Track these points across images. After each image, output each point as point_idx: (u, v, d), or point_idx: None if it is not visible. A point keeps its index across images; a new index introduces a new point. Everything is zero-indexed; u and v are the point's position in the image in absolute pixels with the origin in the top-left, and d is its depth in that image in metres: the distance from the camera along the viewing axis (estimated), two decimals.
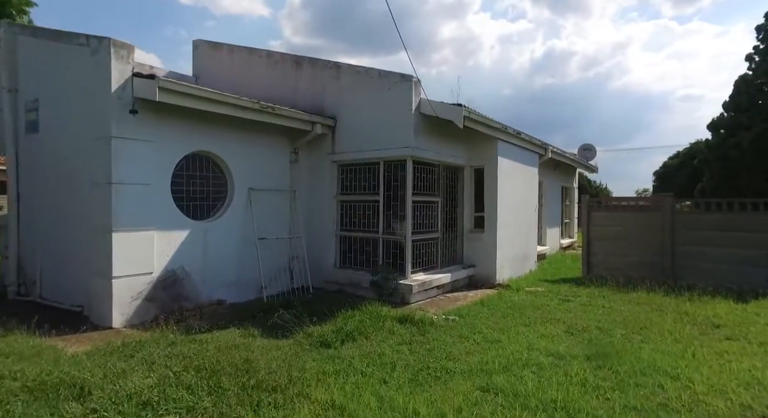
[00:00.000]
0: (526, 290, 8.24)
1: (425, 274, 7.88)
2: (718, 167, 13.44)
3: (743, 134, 13.04)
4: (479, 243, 8.84)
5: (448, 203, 8.78)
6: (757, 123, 12.81)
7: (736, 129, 13.51)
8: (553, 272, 10.48)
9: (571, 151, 13.75)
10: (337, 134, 8.19)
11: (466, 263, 8.98)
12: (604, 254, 9.73)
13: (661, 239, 9.07)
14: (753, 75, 13.53)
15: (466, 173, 9.07)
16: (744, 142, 12.89)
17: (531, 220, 10.53)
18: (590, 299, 7.56)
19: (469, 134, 8.71)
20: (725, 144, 13.50)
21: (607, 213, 9.76)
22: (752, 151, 12.66)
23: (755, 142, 12.64)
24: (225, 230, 7.03)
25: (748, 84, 13.44)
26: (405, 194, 7.45)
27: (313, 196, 8.47)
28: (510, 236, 9.26)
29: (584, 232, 9.96)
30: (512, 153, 9.37)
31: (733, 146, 13.25)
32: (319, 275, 8.24)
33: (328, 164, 8.28)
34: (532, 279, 9.41)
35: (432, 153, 7.79)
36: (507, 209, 9.10)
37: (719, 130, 14.33)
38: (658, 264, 9.09)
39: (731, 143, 13.30)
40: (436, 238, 8.27)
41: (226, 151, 7.06)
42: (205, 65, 10.18)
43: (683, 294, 7.69)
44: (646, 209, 9.35)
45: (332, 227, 8.33)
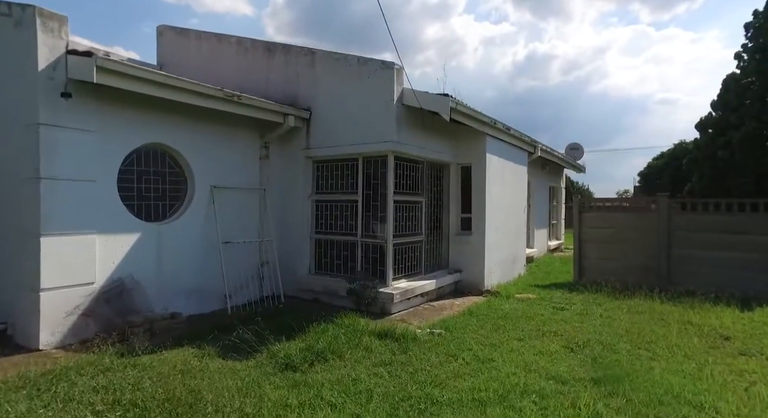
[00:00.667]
0: (517, 297, 7.65)
1: (408, 281, 7.21)
2: (708, 167, 13.13)
3: (733, 134, 12.75)
4: (466, 246, 8.22)
5: (433, 204, 8.14)
6: (747, 122, 12.53)
7: (725, 128, 13.24)
8: (543, 277, 9.94)
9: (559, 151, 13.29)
10: (312, 127, 7.47)
11: (452, 267, 8.35)
12: (596, 257, 9.22)
13: (657, 242, 8.60)
14: (741, 73, 13.29)
15: (452, 171, 8.44)
16: (734, 142, 12.59)
17: (520, 221, 9.97)
18: (585, 306, 7.00)
19: (456, 129, 8.09)
20: (714, 143, 13.21)
21: (600, 214, 9.26)
22: (742, 151, 12.37)
23: (744, 142, 12.36)
24: (183, 232, 6.25)
25: (737, 82, 13.18)
26: (386, 193, 6.78)
27: (286, 195, 7.73)
28: (499, 238, 8.67)
29: (575, 234, 9.44)
30: (501, 150, 8.79)
31: (722, 146, 12.96)
32: (292, 282, 7.51)
33: (302, 160, 7.55)
34: (521, 284, 8.84)
35: (416, 148, 7.13)
36: (496, 210, 8.51)
37: (707, 129, 14.06)
38: (653, 268, 8.62)
39: (720, 143, 13.01)
40: (419, 241, 7.62)
41: (184, 145, 6.28)
42: (171, 53, 9.34)
43: (683, 301, 7.20)
44: (641, 210, 8.88)
45: (306, 230, 7.60)
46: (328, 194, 7.47)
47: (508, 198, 9.14)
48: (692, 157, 13.87)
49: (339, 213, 7.36)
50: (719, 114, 13.82)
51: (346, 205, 7.27)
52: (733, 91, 13.32)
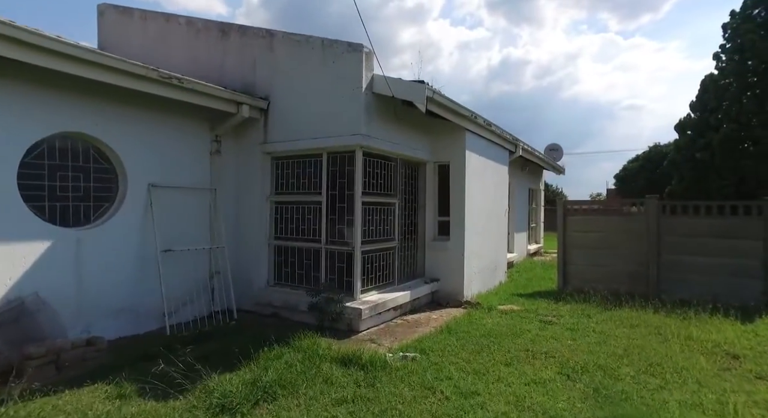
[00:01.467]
0: (499, 308, 6.93)
1: (379, 292, 6.40)
2: (688, 169, 12.84)
3: (712, 136, 12.48)
4: (444, 253, 7.47)
5: (408, 206, 7.36)
6: (726, 123, 12.28)
7: (704, 130, 12.98)
8: (525, 284, 9.29)
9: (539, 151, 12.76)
10: (270, 119, 6.59)
11: (429, 276, 7.58)
12: (581, 263, 8.63)
13: (646, 247, 8.06)
14: (720, 74, 13.08)
15: (428, 170, 7.69)
16: (713, 144, 12.31)
17: (501, 225, 9.31)
18: (575, 319, 6.34)
19: (433, 124, 7.34)
20: (694, 145, 12.93)
21: (585, 217, 8.68)
22: (721, 153, 12.09)
23: (724, 144, 12.10)
24: (112, 239, 5.26)
25: (715, 83, 12.96)
26: (353, 194, 5.95)
27: (240, 196, 6.81)
28: (479, 244, 7.96)
29: (560, 239, 8.83)
30: (482, 148, 8.10)
31: (702, 147, 12.68)
32: (248, 295, 6.58)
33: (260, 157, 6.65)
34: (503, 294, 8.14)
35: (388, 144, 6.34)
36: (476, 213, 7.79)
37: (686, 131, 13.81)
38: (642, 275, 8.07)
39: (700, 145, 12.75)
40: (392, 248, 6.82)
41: (115, 136, 5.30)
42: (113, 35, 8.28)
43: (677, 311, 6.63)
44: (629, 213, 8.34)
45: (264, 235, 6.69)
46: (289, 195, 6.59)
47: (489, 200, 8.45)
48: (672, 159, 13.59)
49: (301, 216, 6.49)
50: (698, 115, 13.59)
51: (309, 207, 6.41)
52: (712, 92, 13.10)
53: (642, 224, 8.14)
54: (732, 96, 12.41)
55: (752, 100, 11.95)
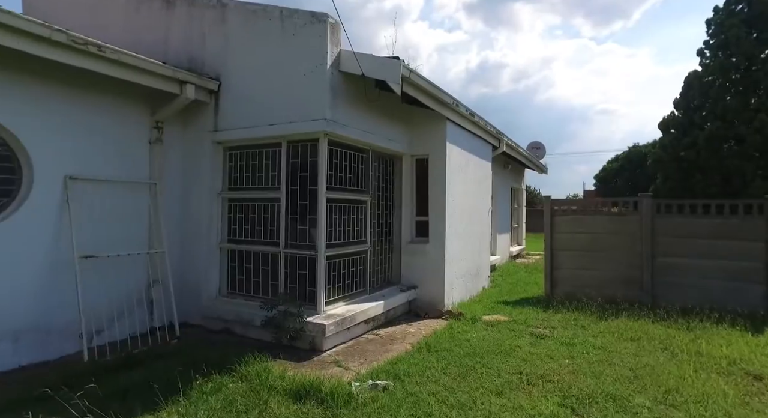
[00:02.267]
0: (485, 319, 6.17)
1: (348, 303, 5.54)
2: (673, 168, 12.43)
3: (698, 134, 12.10)
4: (422, 257, 6.67)
5: (382, 205, 6.54)
6: (711, 121, 11.92)
7: (689, 128, 12.61)
8: (509, 290, 8.59)
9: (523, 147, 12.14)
10: (222, 103, 5.67)
11: (405, 284, 6.77)
12: (570, 267, 7.97)
13: (639, 249, 7.45)
14: (704, 71, 12.74)
15: (405, 165, 6.89)
16: (699, 142, 11.93)
17: (485, 226, 8.58)
18: (569, 332, 5.63)
19: (411, 113, 6.56)
20: (679, 144, 12.54)
21: (574, 218, 8.03)
22: (707, 151, 11.71)
23: (710, 142, 11.71)
24: (11, 241, 4.25)
25: (699, 80, 12.62)
26: (317, 189, 5.09)
27: (188, 192, 5.86)
28: (461, 246, 7.20)
29: (547, 241, 8.16)
30: (464, 141, 7.35)
31: (687, 146, 12.30)
32: (196, 308, 5.64)
33: (210, 146, 5.72)
34: (487, 302, 7.40)
35: (358, 132, 5.50)
36: (458, 213, 7.03)
37: (670, 129, 13.44)
38: (635, 280, 7.46)
39: (686, 143, 12.37)
40: (363, 252, 5.98)
41: (11, 115, 4.29)
42: (42, 6, 7.18)
43: (677, 320, 6.02)
44: (621, 213, 7.73)
45: (215, 237, 5.76)
46: (245, 191, 5.68)
47: (471, 198, 7.70)
48: (657, 158, 13.20)
49: (257, 216, 5.59)
50: (682, 113, 13.24)
51: (266, 205, 5.51)
52: (697, 90, 12.76)
53: (635, 224, 7.54)
54: (716, 93, 12.08)
55: (736, 98, 11.62)
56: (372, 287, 6.16)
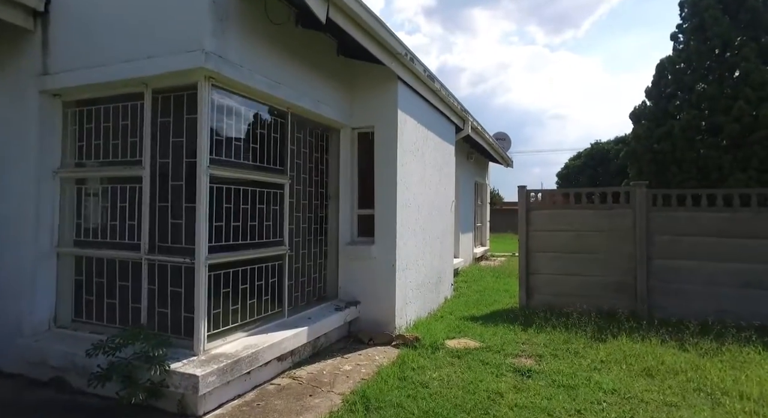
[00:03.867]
0: (449, 346, 4.58)
1: (251, 333, 3.77)
2: (647, 161, 11.43)
3: (673, 124, 11.15)
4: (367, 263, 5.00)
5: (311, 193, 4.81)
6: (686, 110, 10.99)
7: (662, 118, 11.66)
8: (477, 300, 7.07)
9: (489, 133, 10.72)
10: (54, 30, 3.75)
11: (344, 298, 5.08)
12: (550, 271, 6.55)
13: (633, 249, 6.13)
14: (677, 56, 11.85)
15: (344, 141, 5.20)
16: (675, 132, 10.96)
17: (447, 223, 7.03)
18: (562, 362, 4.13)
19: (351, 70, 4.91)
20: (653, 135, 11.56)
21: (555, 212, 6.62)
22: (683, 142, 10.75)
23: (686, 132, 10.76)
24: None
25: (673, 66, 11.72)
26: (198, 163, 3.30)
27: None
28: (418, 248, 5.59)
29: (522, 240, 6.71)
30: (421, 113, 5.75)
31: (662, 137, 11.32)
32: (13, 348, 3.67)
33: (37, 99, 3.78)
34: (451, 318, 5.83)
35: (266, 82, 3.74)
36: (413, 205, 5.42)
37: (641, 120, 12.51)
38: (629, 286, 6.12)
39: (660, 134, 11.40)
40: (278, 257, 4.22)
41: None
42: None
43: (689, 340, 4.68)
44: (610, 206, 6.38)
45: (49, 239, 3.82)
46: (97, 169, 3.79)
47: (431, 188, 6.12)
48: (630, 150, 12.22)
49: (111, 205, 3.71)
50: (654, 103, 12.33)
51: (123, 188, 3.65)
52: (672, 76, 11.86)
53: (627, 219, 6.21)
54: (691, 80, 11.20)
55: (713, 84, 10.75)
56: (293, 305, 4.41)
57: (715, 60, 10.89)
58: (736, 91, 10.20)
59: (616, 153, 21.71)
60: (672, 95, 11.75)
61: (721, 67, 10.63)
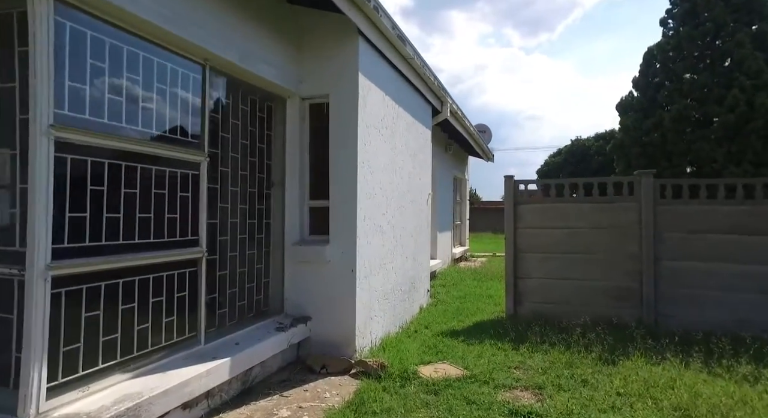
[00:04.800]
0: (423, 376, 3.54)
1: (135, 375, 2.63)
2: (636, 154, 10.70)
3: (663, 115, 10.44)
4: (319, 269, 3.92)
5: (244, 177, 3.69)
6: (677, 100, 10.30)
7: (650, 110, 10.95)
8: (457, 309, 6.07)
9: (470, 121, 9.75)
10: None
11: (291, 312, 3.99)
12: (541, 275, 5.61)
13: (638, 249, 5.24)
14: (666, 43, 11.18)
15: (291, 113, 4.10)
16: (665, 124, 10.24)
17: (422, 219, 6.01)
18: (570, 397, 3.15)
19: (299, 20, 3.81)
20: (642, 127, 10.84)
21: (547, 207, 5.68)
22: (674, 134, 10.04)
23: (676, 123, 10.05)
24: None
25: (663, 53, 11.03)
26: (32, 120, 2.15)
27: None
28: (387, 249, 4.54)
29: (509, 238, 5.75)
30: (390, 83, 4.70)
31: (651, 128, 10.60)
32: None
33: None
34: (426, 335, 4.80)
35: (162, 13, 2.61)
36: (381, 195, 4.37)
37: (628, 111, 11.81)
38: (633, 292, 5.23)
39: (650, 125, 10.67)
40: (190, 261, 3.09)
41: None
42: None
43: (717, 360, 3.80)
44: (611, 200, 5.47)
45: None
46: None
47: (403, 176, 5.08)
48: (618, 142, 11.48)
49: None
50: (641, 93, 11.65)
51: None
52: (661, 64, 11.18)
53: (631, 213, 5.32)
54: (682, 68, 10.53)
55: (705, 73, 10.09)
56: (217, 326, 3.30)
57: (707, 46, 10.23)
58: (730, 80, 9.54)
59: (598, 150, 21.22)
60: (660, 85, 11.07)
61: (714, 53, 9.96)
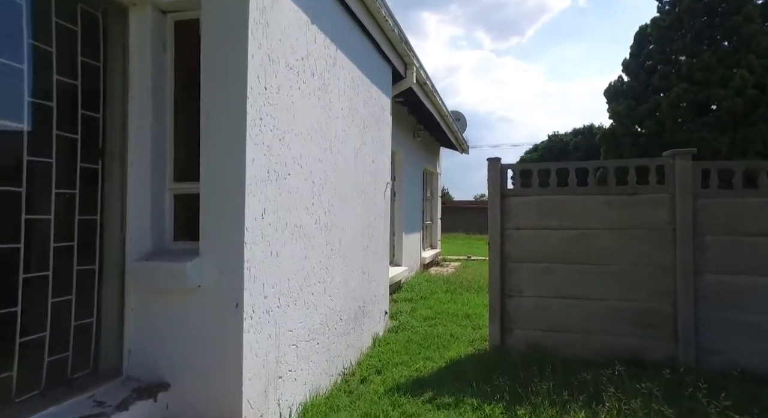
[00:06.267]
0: None
1: None
2: (628, 145, 9.42)
3: (660, 100, 9.20)
4: (182, 301, 2.26)
5: (44, 141, 1.98)
6: (675, 83, 9.09)
7: (643, 94, 9.69)
8: (424, 337, 4.50)
9: None
10: None
11: (137, 375, 2.30)
12: (538, 293, 4.12)
13: (670, 258, 3.80)
14: (662, 19, 9.97)
15: (137, 33, 2.41)
16: (662, 110, 9.00)
17: (377, 217, 4.40)
18: None
19: None
20: (635, 114, 9.59)
21: (546, 200, 4.18)
22: (672, 122, 8.78)
23: (675, 109, 8.81)
24: None
25: (660, 29, 9.82)
26: None
27: None
28: (312, 263, 2.91)
29: (494, 243, 4.23)
30: (323, 9, 3.07)
31: (645, 116, 9.34)
32: None
33: None
34: (377, 391, 3.20)
35: None
36: (301, 179, 2.74)
37: (618, 98, 10.57)
38: (662, 318, 3.79)
39: (644, 112, 9.41)
40: None
41: None
42: None
43: None
44: (634, 190, 4.02)
45: None
46: None
47: (344, 154, 3.46)
48: (607, 132, 10.20)
49: None
50: (633, 78, 10.43)
51: None
52: (653, 45, 9.96)
53: (662, 210, 3.88)
54: (681, 48, 9.33)
55: (708, 52, 8.90)
56: None
57: (709, 22, 9.04)
58: (737, 59, 8.34)
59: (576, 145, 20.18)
60: (654, 68, 9.82)
61: (717, 30, 8.77)
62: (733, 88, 8.48)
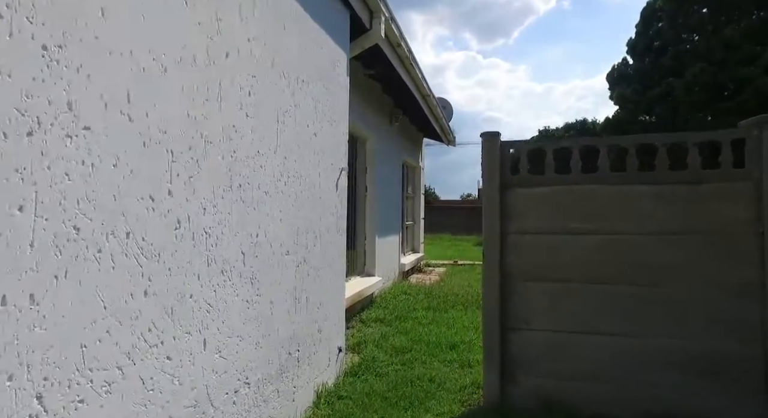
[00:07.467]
0: None
1: None
2: (636, 132, 8.22)
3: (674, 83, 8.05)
4: None
5: None
6: (689, 63, 7.94)
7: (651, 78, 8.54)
8: (393, 387, 3.17)
9: None
10: None
11: None
12: (552, 325, 2.84)
13: (754, 277, 2.55)
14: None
15: None
16: (676, 93, 7.85)
17: (324, 217, 3.04)
18: None
19: None
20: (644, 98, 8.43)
21: (563, 190, 2.91)
22: (687, 106, 7.64)
23: (691, 93, 7.66)
24: None
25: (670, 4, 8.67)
26: None
27: None
28: (161, 301, 1.55)
29: (491, 253, 2.93)
30: None
31: (657, 100, 8.19)
32: None
33: None
34: None
35: None
36: (115, 128, 1.37)
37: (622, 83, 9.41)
38: (746, 366, 2.54)
39: (654, 96, 8.27)
40: None
41: None
42: None
43: None
44: (697, 174, 2.78)
45: None
46: None
47: (258, 114, 2.10)
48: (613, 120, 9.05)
49: None
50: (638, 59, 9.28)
51: None
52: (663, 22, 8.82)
53: (739, 206, 2.63)
54: (698, 21, 8.20)
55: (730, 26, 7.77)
56: None
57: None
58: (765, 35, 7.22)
59: None
60: (664, 48, 8.68)
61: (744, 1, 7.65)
62: (761, 66, 7.37)
